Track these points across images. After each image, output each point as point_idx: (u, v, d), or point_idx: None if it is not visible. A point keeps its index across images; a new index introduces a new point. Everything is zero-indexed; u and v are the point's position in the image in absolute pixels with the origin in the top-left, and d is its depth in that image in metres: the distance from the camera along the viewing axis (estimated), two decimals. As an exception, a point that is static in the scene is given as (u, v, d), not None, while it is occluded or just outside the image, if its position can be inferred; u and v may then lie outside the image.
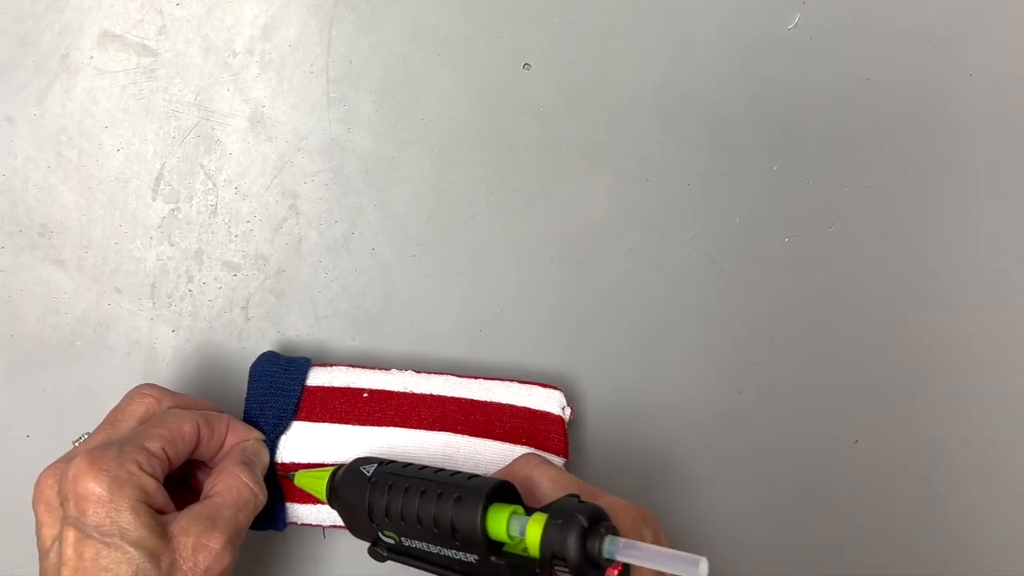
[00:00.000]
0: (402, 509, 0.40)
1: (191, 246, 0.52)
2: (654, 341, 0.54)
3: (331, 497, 0.44)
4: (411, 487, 0.40)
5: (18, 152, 0.50)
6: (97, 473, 0.39)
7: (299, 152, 0.52)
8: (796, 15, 0.54)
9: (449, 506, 0.38)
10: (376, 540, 0.43)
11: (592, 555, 0.36)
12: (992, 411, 0.57)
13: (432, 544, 0.40)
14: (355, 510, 0.42)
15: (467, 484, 0.39)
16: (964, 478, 0.56)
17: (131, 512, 0.39)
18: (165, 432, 0.43)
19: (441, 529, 0.39)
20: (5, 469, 0.51)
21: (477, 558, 0.38)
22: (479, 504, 0.38)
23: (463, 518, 0.38)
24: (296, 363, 0.49)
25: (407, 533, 0.40)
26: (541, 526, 0.36)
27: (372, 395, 0.48)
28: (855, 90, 0.55)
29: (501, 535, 0.38)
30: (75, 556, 0.39)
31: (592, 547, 0.36)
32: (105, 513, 0.39)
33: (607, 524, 0.36)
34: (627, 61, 0.54)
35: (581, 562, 0.35)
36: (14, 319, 0.51)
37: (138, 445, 0.41)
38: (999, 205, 0.56)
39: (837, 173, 0.55)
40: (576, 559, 0.35)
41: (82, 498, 0.39)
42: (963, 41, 0.56)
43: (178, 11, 0.51)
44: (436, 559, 0.40)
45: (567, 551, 0.35)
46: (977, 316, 0.56)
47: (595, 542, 0.36)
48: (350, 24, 0.52)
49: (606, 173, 0.54)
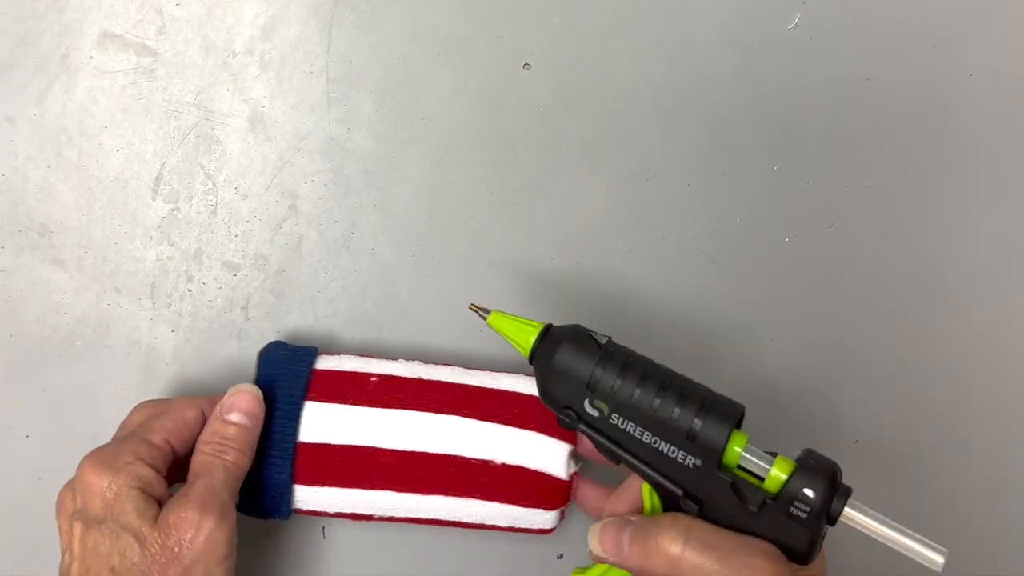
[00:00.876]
0: (638, 388, 0.40)
1: (191, 246, 0.52)
2: (654, 341, 0.54)
3: (540, 351, 0.43)
4: (652, 372, 0.41)
5: (18, 152, 0.50)
6: (96, 465, 0.41)
7: (299, 152, 0.52)
8: (796, 15, 0.54)
9: (696, 407, 0.40)
10: (573, 407, 0.42)
11: (834, 509, 0.39)
12: (992, 411, 0.57)
13: (650, 433, 0.40)
14: (571, 371, 0.41)
15: (715, 395, 0.41)
16: (964, 478, 0.56)
17: (126, 499, 0.41)
18: (168, 423, 0.44)
19: (680, 423, 0.40)
20: (5, 469, 0.51)
21: (699, 464, 0.40)
22: (732, 420, 0.40)
23: (711, 425, 0.39)
24: (304, 350, 0.49)
25: (627, 412, 0.40)
26: (791, 465, 0.39)
27: (380, 380, 0.48)
28: (855, 90, 0.55)
29: (731, 458, 0.40)
30: (80, 546, 0.41)
31: (838, 504, 0.38)
32: (102, 502, 0.41)
33: (848, 486, 0.39)
34: (627, 61, 0.54)
35: (823, 508, 0.38)
36: (14, 319, 0.51)
37: (139, 438, 0.43)
38: (999, 205, 0.56)
39: (837, 173, 0.55)
40: (821, 505, 0.38)
41: (85, 491, 0.41)
42: (963, 41, 0.56)
43: (178, 11, 0.51)
44: (642, 449, 0.41)
45: (818, 494, 0.38)
46: (977, 316, 0.56)
47: (841, 500, 0.39)
48: (350, 24, 0.52)
49: (606, 173, 0.54)
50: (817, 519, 0.38)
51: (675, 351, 0.54)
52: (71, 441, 0.51)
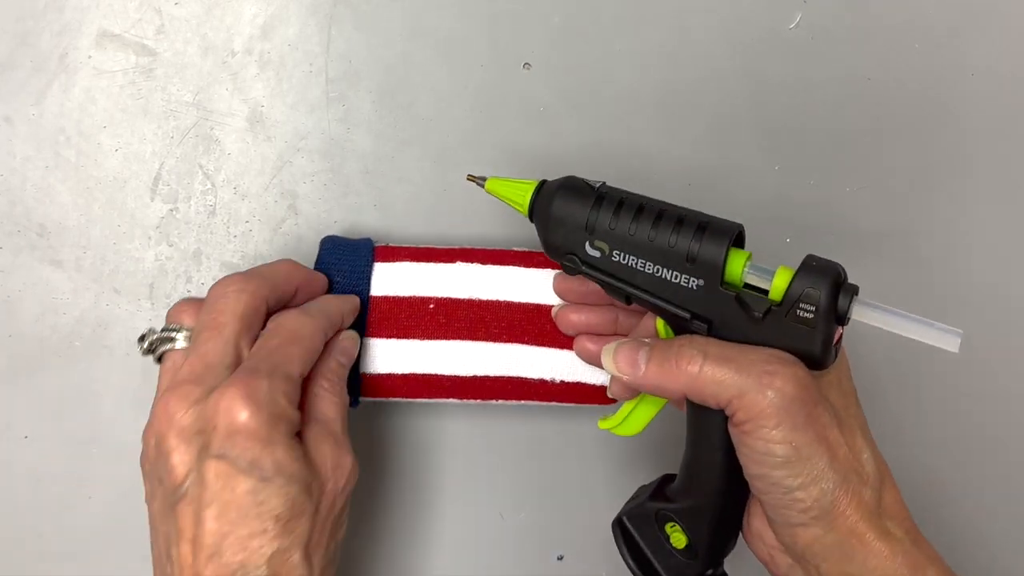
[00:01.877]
0: (634, 222, 0.41)
1: (190, 246, 0.51)
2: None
3: (537, 204, 0.43)
4: (647, 205, 0.41)
5: (16, 152, 0.50)
6: (255, 407, 0.38)
7: (298, 152, 0.52)
8: (797, 14, 0.54)
9: (692, 230, 0.40)
10: (575, 251, 0.42)
11: (841, 308, 0.38)
12: (992, 411, 0.57)
13: (652, 263, 0.41)
14: (569, 216, 0.42)
15: (711, 217, 0.41)
16: (964, 478, 0.56)
17: (284, 447, 0.39)
18: (303, 352, 0.42)
19: (677, 248, 0.40)
20: (5, 469, 0.51)
21: (703, 283, 0.40)
22: (728, 238, 0.40)
23: (708, 245, 0.39)
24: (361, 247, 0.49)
25: (627, 247, 0.41)
26: (791, 272, 0.39)
27: (437, 305, 0.48)
28: (856, 90, 0.55)
29: (734, 275, 0.40)
30: (226, 490, 0.38)
31: (844, 302, 0.38)
32: (261, 448, 0.38)
33: (855, 286, 0.38)
34: (627, 61, 0.54)
35: (829, 307, 0.37)
36: (13, 319, 0.50)
37: (284, 374, 0.40)
38: (1000, 205, 0.56)
39: (837, 173, 0.55)
40: (827, 303, 0.37)
41: (236, 432, 0.38)
42: (964, 41, 0.55)
43: (177, 11, 0.51)
44: (645, 280, 0.41)
45: (820, 293, 0.37)
46: (977, 316, 0.56)
47: (847, 297, 0.38)
48: (350, 24, 0.52)
49: (606, 173, 0.54)
50: (825, 318, 0.38)
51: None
52: (70, 441, 0.51)
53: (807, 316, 0.38)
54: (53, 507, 0.51)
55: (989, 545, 0.57)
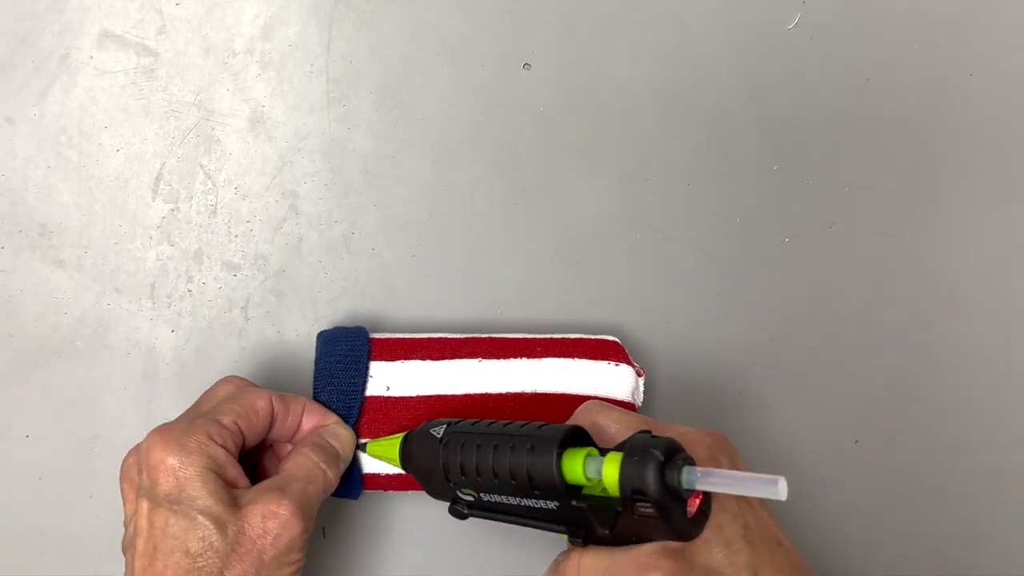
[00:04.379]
0: (477, 465, 0.40)
1: (191, 246, 0.52)
2: (654, 341, 0.54)
3: (405, 462, 0.45)
4: (483, 443, 0.41)
5: (18, 152, 0.50)
6: (166, 443, 0.40)
7: (299, 152, 0.52)
8: (796, 15, 0.54)
9: (524, 456, 0.39)
10: (455, 499, 0.43)
11: (672, 487, 0.36)
12: (992, 411, 0.57)
13: (511, 496, 0.40)
14: (430, 472, 0.43)
15: (539, 433, 0.40)
16: (965, 478, 0.56)
17: (199, 480, 0.40)
18: (237, 407, 0.43)
19: (518, 480, 0.39)
20: (5, 469, 0.51)
21: (558, 504, 0.39)
22: (553, 450, 0.38)
23: (539, 466, 0.38)
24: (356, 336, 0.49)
25: (484, 488, 0.41)
26: (618, 464, 0.36)
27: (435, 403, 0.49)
28: (855, 90, 0.55)
29: (578, 478, 0.38)
30: (147, 525, 0.40)
31: (671, 479, 0.36)
32: (174, 482, 0.40)
33: (683, 455, 0.36)
34: (627, 61, 0.54)
35: (662, 495, 0.35)
36: (14, 319, 0.51)
37: (210, 418, 0.42)
38: (999, 205, 0.56)
39: (837, 173, 0.55)
40: (656, 493, 0.35)
41: (153, 468, 0.40)
42: (963, 41, 0.56)
43: (178, 11, 0.51)
44: (517, 510, 0.41)
45: (647, 486, 0.35)
46: (977, 316, 0.56)
47: (673, 474, 0.36)
48: (350, 24, 0.52)
49: (606, 173, 0.54)
50: (664, 508, 0.36)
51: (674, 351, 0.54)
52: (71, 441, 0.51)
53: (648, 511, 0.36)
54: (54, 506, 0.51)
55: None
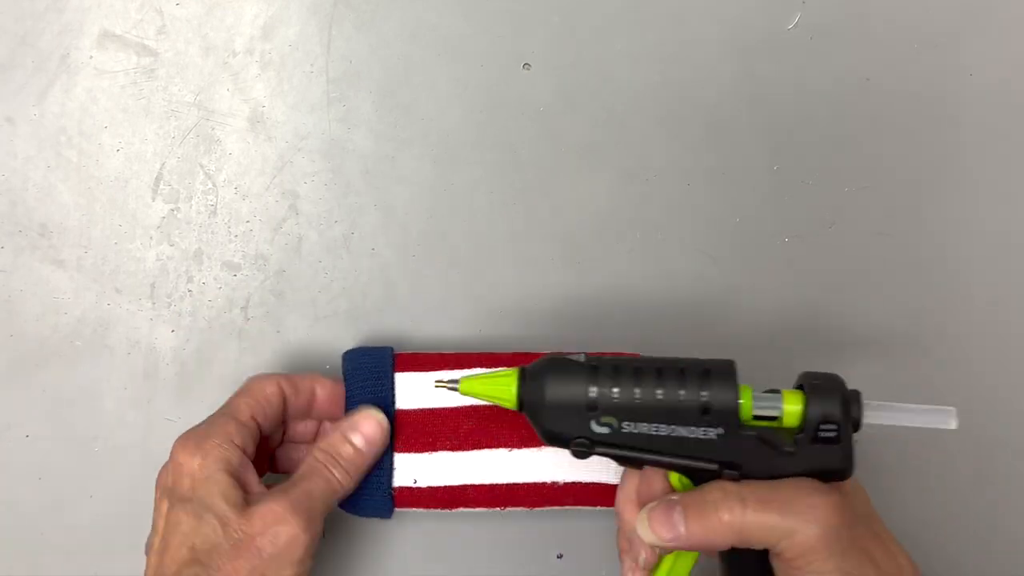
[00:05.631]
0: (637, 388, 0.40)
1: (191, 246, 0.52)
2: (654, 342, 0.54)
3: (527, 397, 0.42)
4: (642, 366, 0.41)
5: (18, 152, 0.50)
6: (186, 445, 0.42)
7: (299, 152, 0.52)
8: (796, 15, 0.54)
9: (696, 380, 0.40)
10: (583, 434, 0.41)
11: (855, 417, 0.40)
12: (992, 411, 0.57)
13: (666, 424, 0.40)
14: (567, 401, 0.41)
15: (708, 361, 0.41)
16: (965, 478, 0.56)
17: (213, 482, 0.41)
18: (250, 400, 0.45)
19: (688, 404, 0.40)
20: (5, 469, 0.51)
21: (722, 431, 0.40)
22: (734, 374, 0.40)
23: (718, 390, 0.40)
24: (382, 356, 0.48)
25: (636, 416, 0.40)
26: (800, 395, 0.40)
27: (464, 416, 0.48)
28: (855, 90, 0.55)
29: (746, 414, 0.40)
30: (164, 523, 0.42)
31: (856, 411, 0.40)
32: (190, 482, 0.41)
33: (856, 391, 0.40)
34: (627, 61, 0.54)
35: (847, 422, 0.39)
36: (14, 319, 0.51)
37: (227, 416, 0.44)
38: (999, 205, 0.56)
39: (837, 173, 0.55)
40: (845, 421, 0.39)
41: (175, 470, 0.42)
42: (963, 41, 0.56)
43: (178, 11, 0.51)
44: (663, 443, 0.41)
45: (836, 412, 0.39)
46: (977, 316, 0.56)
47: (858, 405, 0.40)
48: (350, 24, 0.52)
49: (606, 173, 0.54)
50: (846, 433, 0.39)
51: (674, 352, 0.54)
52: (71, 441, 0.51)
53: (830, 436, 0.39)
54: (54, 506, 0.51)
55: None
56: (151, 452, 0.51)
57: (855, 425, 0.40)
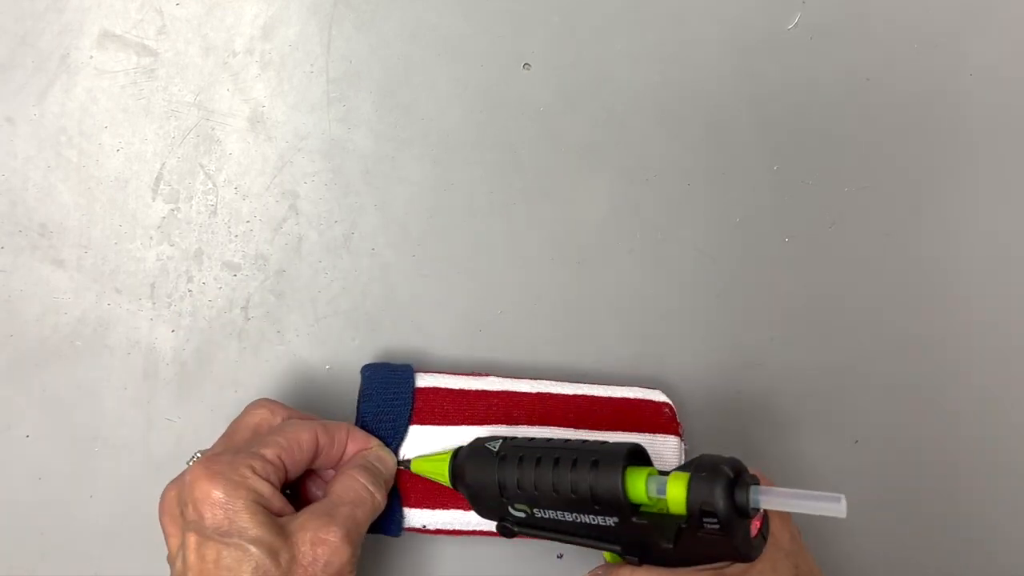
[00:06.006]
0: (536, 479, 0.40)
1: (191, 246, 0.52)
2: (654, 341, 0.54)
3: (455, 477, 0.45)
4: (543, 456, 0.41)
5: (18, 152, 0.50)
6: (212, 476, 0.40)
7: (299, 152, 0.52)
8: (796, 15, 0.54)
9: (587, 471, 0.39)
10: (504, 516, 0.43)
11: (740, 505, 0.36)
12: (993, 410, 0.57)
13: (568, 512, 0.40)
14: (483, 487, 0.43)
15: (602, 449, 0.40)
16: (965, 478, 0.56)
17: (247, 512, 0.40)
18: (282, 440, 0.43)
19: (579, 495, 0.39)
20: (5, 469, 0.51)
21: (617, 520, 0.39)
22: (619, 466, 0.39)
23: (603, 482, 0.39)
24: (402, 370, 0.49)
25: (540, 504, 0.41)
26: (684, 483, 0.37)
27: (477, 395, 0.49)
28: (855, 90, 0.55)
29: (640, 496, 0.39)
30: (198, 559, 0.40)
31: (740, 497, 0.36)
32: (223, 515, 0.40)
33: (749, 474, 0.37)
34: (627, 61, 0.54)
35: (730, 513, 0.36)
36: (14, 319, 0.51)
37: (253, 452, 0.42)
38: (1000, 205, 0.56)
39: (837, 173, 0.55)
40: (725, 511, 0.36)
41: (200, 502, 0.40)
42: (963, 41, 0.56)
43: (178, 11, 0.51)
44: (571, 527, 0.41)
45: (716, 504, 0.36)
46: (977, 316, 0.56)
47: (743, 492, 0.36)
48: (350, 24, 0.52)
49: (606, 173, 0.54)
50: (732, 524, 0.36)
51: (674, 352, 0.54)
52: (71, 441, 0.51)
53: (714, 528, 0.37)
54: (54, 506, 0.51)
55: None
56: (151, 452, 0.51)
57: (744, 514, 0.37)
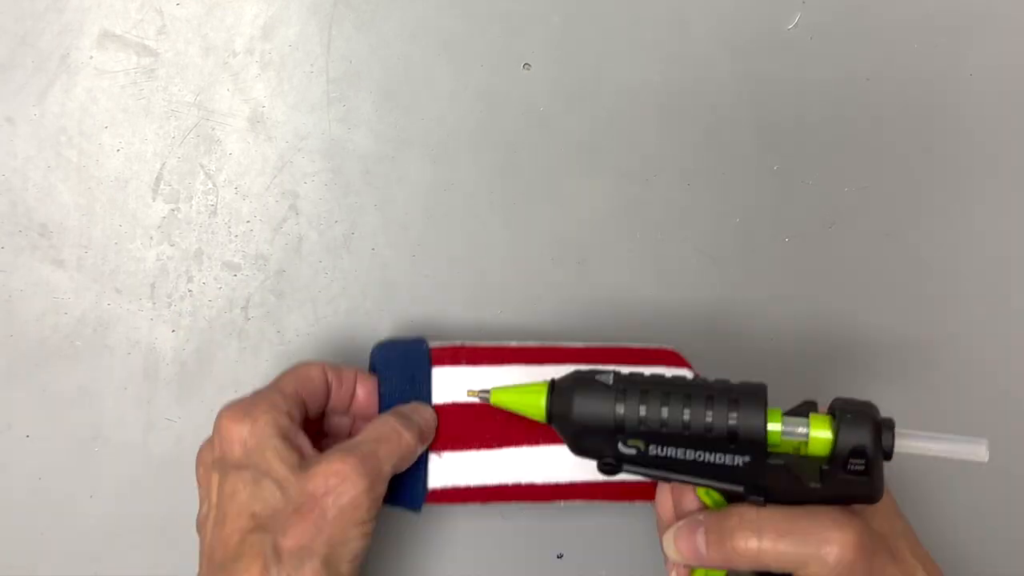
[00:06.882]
0: (667, 415, 0.39)
1: (191, 246, 0.52)
2: (654, 342, 0.54)
3: (554, 411, 0.42)
4: (672, 392, 0.40)
5: (18, 152, 0.50)
6: (234, 413, 0.41)
7: (299, 152, 0.52)
8: (796, 15, 0.54)
9: (724, 407, 0.39)
10: (610, 454, 0.41)
11: (887, 447, 0.38)
12: (993, 410, 0.57)
13: (692, 450, 0.40)
14: (594, 421, 0.40)
15: (737, 387, 0.40)
16: (965, 478, 0.56)
17: (267, 446, 0.41)
18: (294, 377, 0.45)
19: (715, 432, 0.39)
20: (5, 469, 0.51)
21: (749, 459, 0.39)
22: (763, 404, 0.39)
23: (746, 419, 0.39)
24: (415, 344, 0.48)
25: (662, 440, 0.40)
26: (829, 424, 0.39)
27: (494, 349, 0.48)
28: (855, 90, 0.55)
29: (774, 440, 0.39)
30: (218, 494, 0.41)
31: (887, 440, 0.38)
32: (243, 450, 0.41)
33: (890, 419, 0.39)
34: (627, 61, 0.54)
35: (878, 454, 0.38)
36: (14, 319, 0.51)
37: (272, 388, 0.44)
38: (999, 205, 0.56)
39: (837, 173, 0.55)
40: (875, 452, 0.38)
41: (225, 439, 0.41)
42: (964, 41, 0.56)
43: (178, 11, 0.51)
44: (688, 467, 0.40)
45: (868, 445, 0.38)
46: (978, 316, 0.56)
47: (889, 436, 0.38)
48: (350, 24, 0.52)
49: (606, 173, 0.54)
50: (876, 465, 0.38)
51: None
52: (71, 441, 0.51)
53: (859, 468, 0.38)
54: (54, 507, 0.51)
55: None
56: (151, 452, 0.51)
57: (886, 455, 0.39)
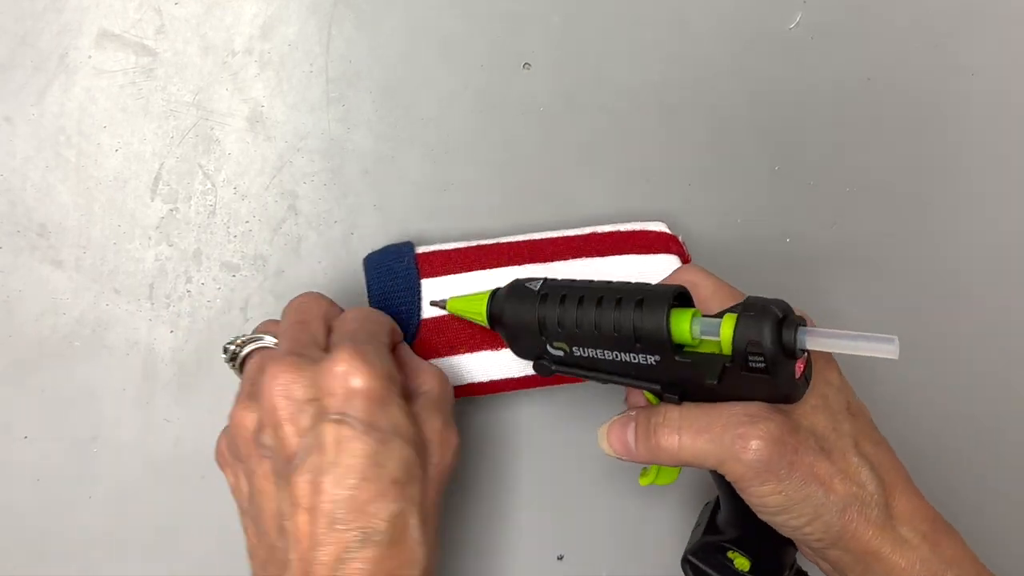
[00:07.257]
0: (578, 317, 0.41)
1: (190, 246, 0.51)
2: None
3: (493, 316, 0.45)
4: (586, 296, 0.41)
5: (17, 152, 0.50)
6: (369, 368, 0.38)
7: (298, 152, 0.52)
8: (797, 14, 0.54)
9: (631, 310, 0.39)
10: (542, 355, 0.43)
11: (787, 344, 0.37)
12: (993, 411, 0.57)
13: (609, 351, 0.41)
14: (522, 325, 0.43)
15: (647, 289, 0.40)
16: (965, 478, 0.56)
17: (400, 409, 0.39)
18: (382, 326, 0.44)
19: (622, 333, 0.39)
20: (4, 470, 0.51)
21: (659, 359, 0.40)
22: (664, 306, 0.39)
23: (648, 320, 0.39)
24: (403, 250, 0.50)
25: (580, 342, 0.41)
26: (732, 322, 0.37)
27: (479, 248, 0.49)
28: (856, 89, 0.55)
29: (684, 336, 0.39)
30: (344, 454, 0.37)
31: (788, 337, 0.37)
32: (378, 409, 0.38)
33: (797, 316, 0.38)
34: (627, 61, 0.54)
35: (776, 351, 0.36)
36: (13, 319, 0.50)
37: (380, 342, 0.42)
38: (1000, 205, 0.56)
39: (838, 173, 0.55)
40: (772, 348, 0.36)
41: (355, 394, 0.38)
42: (964, 41, 0.56)
43: (177, 10, 0.51)
44: (609, 366, 0.41)
45: (763, 342, 0.36)
46: (978, 316, 0.56)
47: (791, 332, 0.37)
48: (350, 24, 0.52)
49: (606, 173, 0.54)
50: (777, 362, 0.37)
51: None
52: (70, 441, 0.51)
53: (759, 366, 0.37)
54: (53, 507, 0.51)
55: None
56: (150, 453, 0.51)
57: (791, 353, 0.37)
